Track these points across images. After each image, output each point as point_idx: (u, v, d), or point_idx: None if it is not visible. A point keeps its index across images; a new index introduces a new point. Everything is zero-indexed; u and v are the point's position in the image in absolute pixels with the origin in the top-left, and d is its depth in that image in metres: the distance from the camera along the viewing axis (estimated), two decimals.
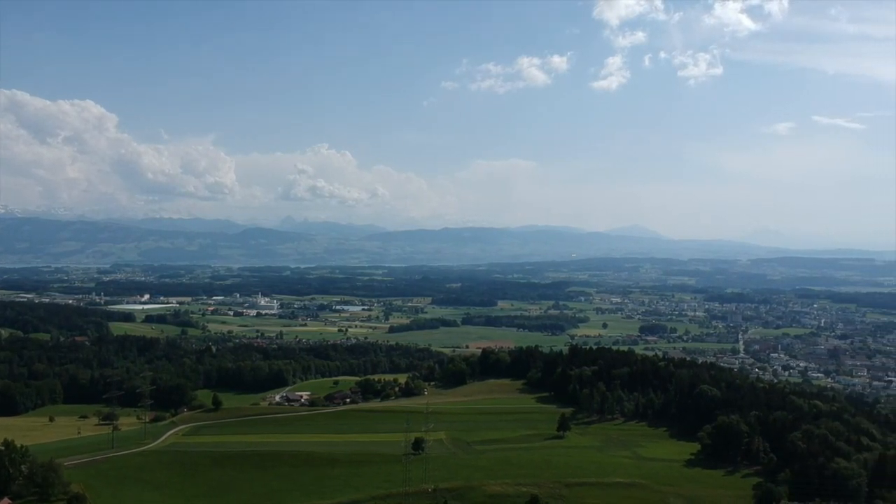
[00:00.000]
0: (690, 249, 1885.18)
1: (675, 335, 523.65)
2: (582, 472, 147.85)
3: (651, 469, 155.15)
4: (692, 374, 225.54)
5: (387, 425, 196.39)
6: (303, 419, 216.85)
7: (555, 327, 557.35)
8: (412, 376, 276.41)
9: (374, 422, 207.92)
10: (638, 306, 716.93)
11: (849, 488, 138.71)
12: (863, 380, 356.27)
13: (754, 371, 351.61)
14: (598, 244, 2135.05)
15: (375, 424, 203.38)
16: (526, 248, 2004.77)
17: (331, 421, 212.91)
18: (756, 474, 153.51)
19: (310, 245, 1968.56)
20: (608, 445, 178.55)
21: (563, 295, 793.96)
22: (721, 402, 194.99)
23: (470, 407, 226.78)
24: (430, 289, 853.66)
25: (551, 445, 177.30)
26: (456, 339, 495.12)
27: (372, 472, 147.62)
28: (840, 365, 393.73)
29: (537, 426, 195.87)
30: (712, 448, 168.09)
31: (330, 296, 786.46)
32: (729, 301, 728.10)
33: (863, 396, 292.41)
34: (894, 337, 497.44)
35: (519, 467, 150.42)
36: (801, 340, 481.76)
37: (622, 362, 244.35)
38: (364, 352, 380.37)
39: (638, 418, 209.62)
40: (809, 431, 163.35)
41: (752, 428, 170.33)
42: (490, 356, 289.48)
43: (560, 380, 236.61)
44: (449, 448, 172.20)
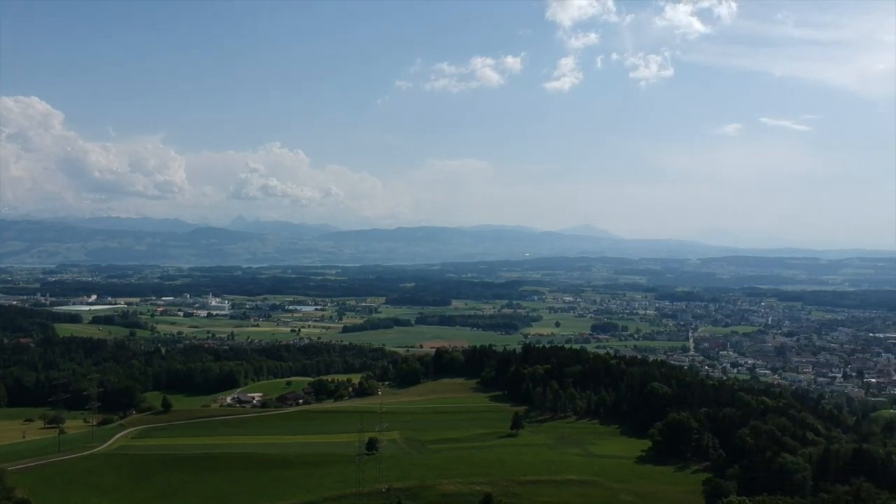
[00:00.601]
0: (642, 249, 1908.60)
1: (627, 333, 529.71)
2: (535, 469, 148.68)
3: (603, 466, 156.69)
4: (643, 371, 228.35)
5: (340, 426, 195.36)
6: (255, 421, 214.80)
7: (508, 326, 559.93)
8: (366, 376, 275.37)
9: (327, 422, 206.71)
10: (590, 305, 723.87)
11: (794, 482, 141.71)
12: (808, 376, 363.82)
13: (704, 368, 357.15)
14: (551, 243, 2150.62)
15: (329, 425, 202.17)
16: (480, 248, 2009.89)
17: (283, 422, 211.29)
18: (706, 470, 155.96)
19: (262, 245, 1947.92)
20: (561, 443, 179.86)
21: (516, 294, 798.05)
22: (672, 399, 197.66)
23: (424, 406, 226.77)
24: (384, 288, 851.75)
25: (505, 444, 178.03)
26: (410, 338, 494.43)
27: (325, 473, 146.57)
28: (787, 362, 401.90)
29: (491, 425, 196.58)
30: (663, 445, 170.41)
31: (282, 296, 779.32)
32: (679, 300, 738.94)
33: (808, 392, 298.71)
34: (838, 334, 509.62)
35: (472, 466, 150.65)
36: (749, 338, 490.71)
37: (574, 361, 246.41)
38: (317, 352, 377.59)
39: (590, 416, 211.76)
40: (757, 427, 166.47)
41: (702, 424, 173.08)
42: (444, 355, 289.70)
43: (513, 378, 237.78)
44: (403, 448, 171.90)
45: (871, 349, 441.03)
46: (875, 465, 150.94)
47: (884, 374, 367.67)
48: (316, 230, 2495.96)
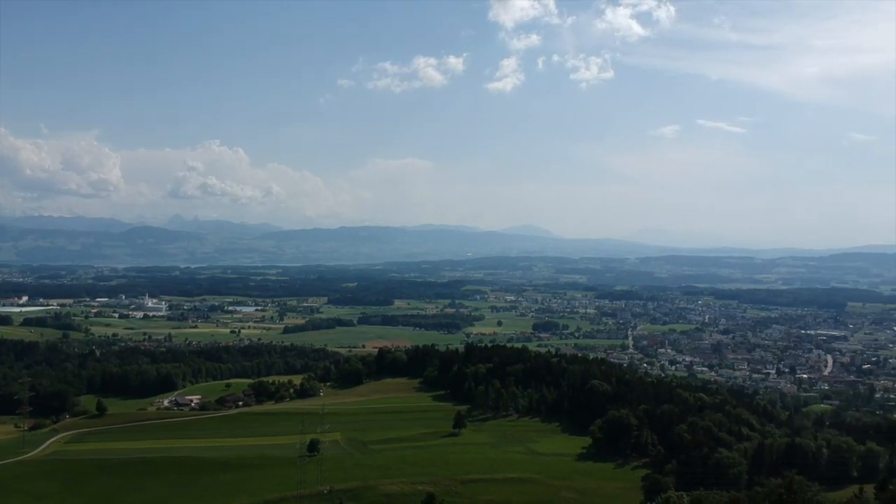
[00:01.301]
0: (582, 248, 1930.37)
1: (568, 332, 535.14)
2: (477, 468, 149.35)
3: (544, 464, 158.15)
4: (584, 369, 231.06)
5: (281, 427, 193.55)
6: (193, 424, 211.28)
7: (451, 326, 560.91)
8: (307, 377, 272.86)
9: (268, 424, 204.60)
10: (532, 304, 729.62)
11: (730, 476, 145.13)
12: (743, 372, 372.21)
13: (643, 366, 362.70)
14: (493, 243, 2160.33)
15: (270, 427, 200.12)
16: (422, 247, 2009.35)
17: (223, 425, 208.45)
18: (645, 466, 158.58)
19: (200, 244, 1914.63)
20: (503, 441, 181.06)
21: (459, 293, 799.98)
22: (611, 396, 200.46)
23: (366, 407, 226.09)
24: (326, 288, 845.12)
25: (447, 443, 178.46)
26: (352, 338, 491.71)
27: (266, 475, 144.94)
28: (723, 359, 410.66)
29: (434, 424, 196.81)
30: (603, 442, 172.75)
31: (222, 296, 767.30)
32: (619, 298, 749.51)
33: (743, 388, 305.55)
34: (772, 331, 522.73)
35: (415, 466, 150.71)
36: (686, 336, 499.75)
37: (516, 359, 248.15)
38: (257, 353, 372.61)
39: (532, 414, 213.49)
40: (694, 423, 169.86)
41: (641, 421, 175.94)
42: (386, 355, 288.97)
43: (456, 378, 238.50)
44: (345, 448, 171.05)
45: (802, 346, 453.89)
46: (806, 458, 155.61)
47: (815, 370, 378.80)
48: (257, 230, 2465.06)
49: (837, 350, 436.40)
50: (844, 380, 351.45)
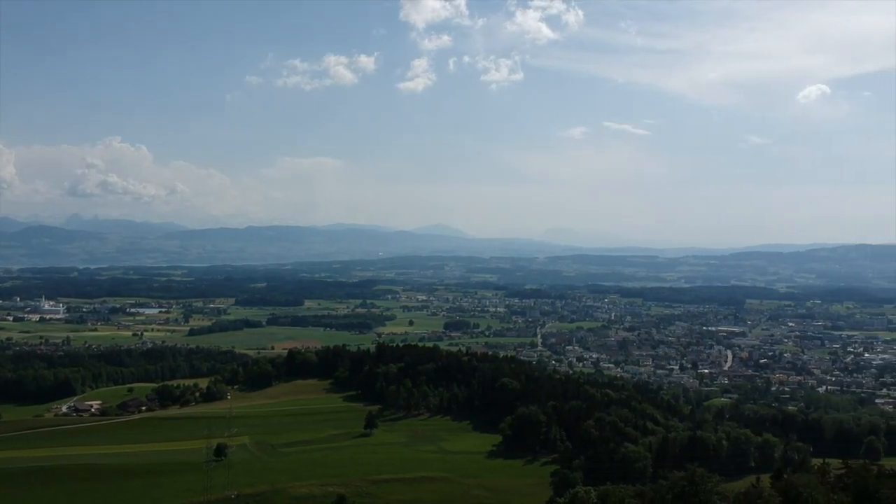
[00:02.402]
0: (492, 248, 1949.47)
1: (478, 331, 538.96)
2: (389, 468, 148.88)
3: (455, 462, 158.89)
4: (494, 367, 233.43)
5: (187, 432, 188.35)
6: (94, 430, 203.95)
7: (362, 326, 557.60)
8: (214, 380, 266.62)
9: (172, 429, 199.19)
10: (443, 303, 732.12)
11: (636, 470, 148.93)
12: (648, 368, 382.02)
13: (551, 363, 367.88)
14: (404, 243, 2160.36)
15: (175, 432, 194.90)
16: (333, 247, 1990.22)
17: (125, 430, 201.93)
18: (553, 462, 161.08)
19: (101, 244, 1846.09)
20: (414, 441, 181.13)
21: (370, 293, 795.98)
22: (521, 393, 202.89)
23: (276, 409, 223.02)
24: (234, 289, 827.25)
25: (358, 444, 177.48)
26: (261, 340, 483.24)
27: (171, 482, 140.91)
28: (628, 355, 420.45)
29: (345, 425, 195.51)
30: (513, 439, 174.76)
31: (123, 298, 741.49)
32: (528, 297, 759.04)
33: (648, 384, 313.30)
34: (675, 328, 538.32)
35: (326, 467, 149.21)
36: (593, 333, 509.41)
37: (428, 358, 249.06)
38: (161, 356, 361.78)
39: (443, 413, 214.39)
40: (601, 419, 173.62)
41: (550, 418, 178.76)
42: (296, 356, 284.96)
43: (367, 378, 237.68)
44: (253, 452, 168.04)
45: (704, 342, 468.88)
46: (708, 450, 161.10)
47: (715, 365, 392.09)
48: (160, 229, 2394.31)
49: (737, 346, 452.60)
50: (743, 374, 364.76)
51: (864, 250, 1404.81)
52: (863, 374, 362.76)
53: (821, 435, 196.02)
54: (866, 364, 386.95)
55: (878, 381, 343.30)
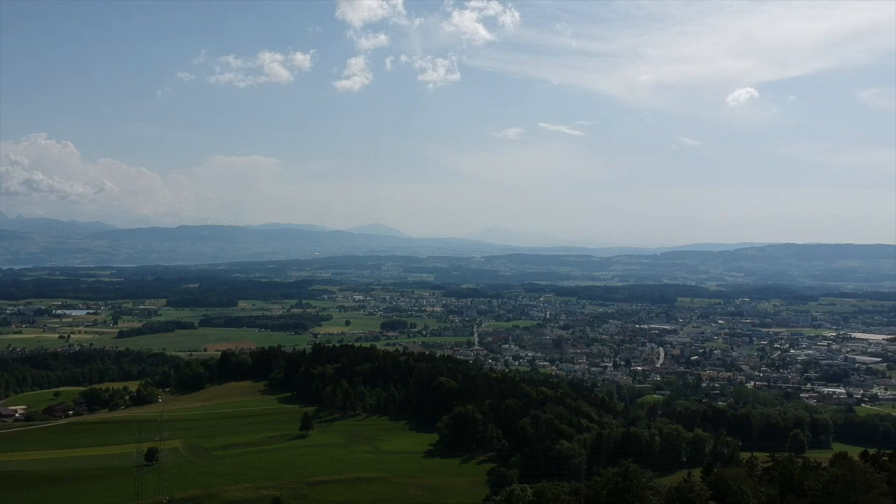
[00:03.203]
0: (429, 247, 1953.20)
1: (416, 330, 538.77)
2: (325, 469, 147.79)
3: (392, 462, 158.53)
4: (431, 367, 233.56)
5: (117, 437, 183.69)
6: (19, 435, 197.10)
7: (298, 326, 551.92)
8: (144, 383, 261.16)
9: (102, 434, 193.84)
10: (380, 303, 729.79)
11: (571, 467, 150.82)
12: (582, 366, 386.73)
13: (488, 362, 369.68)
14: (341, 242, 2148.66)
15: (104, 437, 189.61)
16: (268, 247, 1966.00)
17: (51, 436, 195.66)
18: (490, 460, 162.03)
19: (25, 244, 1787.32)
20: (351, 441, 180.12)
21: (306, 293, 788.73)
22: (458, 392, 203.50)
23: (209, 412, 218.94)
24: (165, 290, 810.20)
25: (294, 445, 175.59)
26: (193, 341, 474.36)
27: (100, 487, 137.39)
28: (563, 353, 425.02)
29: (280, 427, 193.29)
30: (450, 437, 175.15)
31: (49, 299, 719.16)
32: (465, 296, 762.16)
33: (583, 381, 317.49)
34: (609, 326, 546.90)
35: (260, 470, 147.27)
36: (529, 332, 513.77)
37: (364, 358, 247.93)
38: (90, 359, 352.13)
39: (380, 413, 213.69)
40: (537, 416, 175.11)
41: (487, 416, 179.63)
42: (230, 358, 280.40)
43: (303, 379, 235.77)
44: (186, 456, 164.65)
45: (637, 339, 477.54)
46: (641, 446, 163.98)
47: (648, 363, 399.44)
48: (88, 228, 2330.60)
49: (669, 343, 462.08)
50: (675, 371, 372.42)
51: (790, 249, 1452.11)
52: (788, 369, 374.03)
53: (749, 429, 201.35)
54: (792, 360, 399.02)
55: (803, 377, 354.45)
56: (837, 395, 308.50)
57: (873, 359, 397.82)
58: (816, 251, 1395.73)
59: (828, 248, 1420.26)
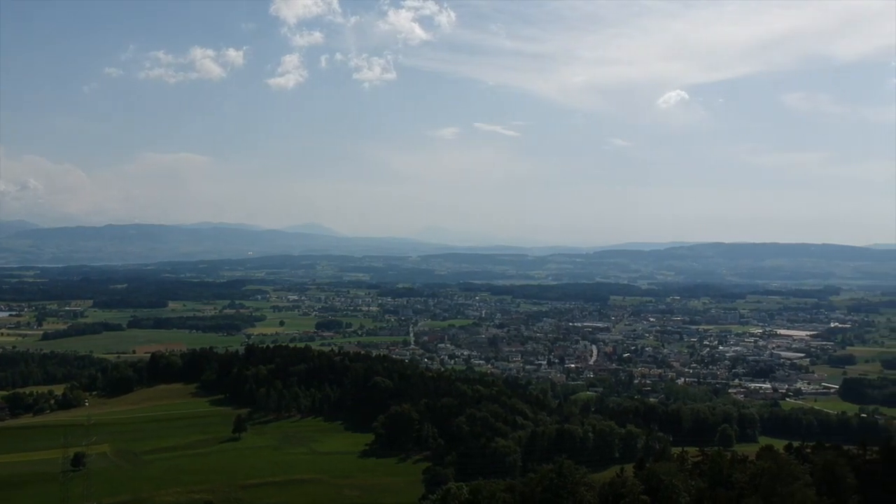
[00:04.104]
0: (365, 246, 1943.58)
1: (351, 330, 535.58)
2: (258, 472, 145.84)
3: (327, 463, 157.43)
4: (366, 367, 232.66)
5: (42, 442, 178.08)
6: None
7: (230, 327, 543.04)
8: (70, 386, 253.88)
9: (25, 439, 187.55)
10: (315, 303, 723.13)
11: (506, 464, 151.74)
12: (517, 364, 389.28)
13: (424, 361, 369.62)
14: (274, 242, 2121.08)
15: (28, 442, 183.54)
16: (200, 246, 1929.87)
17: None
18: (426, 459, 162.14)
19: None
20: (285, 443, 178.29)
21: (239, 294, 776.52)
22: (394, 392, 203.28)
23: (138, 415, 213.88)
24: (92, 291, 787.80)
25: (227, 448, 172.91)
26: (122, 343, 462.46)
27: (24, 495, 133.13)
28: (498, 352, 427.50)
29: (212, 430, 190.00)
30: (386, 437, 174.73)
31: None
32: (400, 295, 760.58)
33: (518, 379, 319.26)
34: (543, 324, 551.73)
35: (192, 474, 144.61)
36: (465, 331, 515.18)
37: (299, 359, 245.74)
38: (12, 362, 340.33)
39: (315, 413, 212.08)
40: (473, 415, 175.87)
41: (423, 415, 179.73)
42: (160, 360, 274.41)
43: (236, 380, 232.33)
44: (114, 461, 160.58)
45: (570, 337, 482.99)
46: (575, 442, 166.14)
47: (581, 360, 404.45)
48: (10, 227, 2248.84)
49: (601, 341, 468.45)
50: (607, 368, 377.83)
51: (718, 248, 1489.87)
52: (717, 365, 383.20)
53: (680, 425, 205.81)
54: (720, 356, 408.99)
55: (731, 373, 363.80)
56: (763, 391, 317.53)
57: (797, 354, 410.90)
58: (743, 250, 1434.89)
59: (754, 247, 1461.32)
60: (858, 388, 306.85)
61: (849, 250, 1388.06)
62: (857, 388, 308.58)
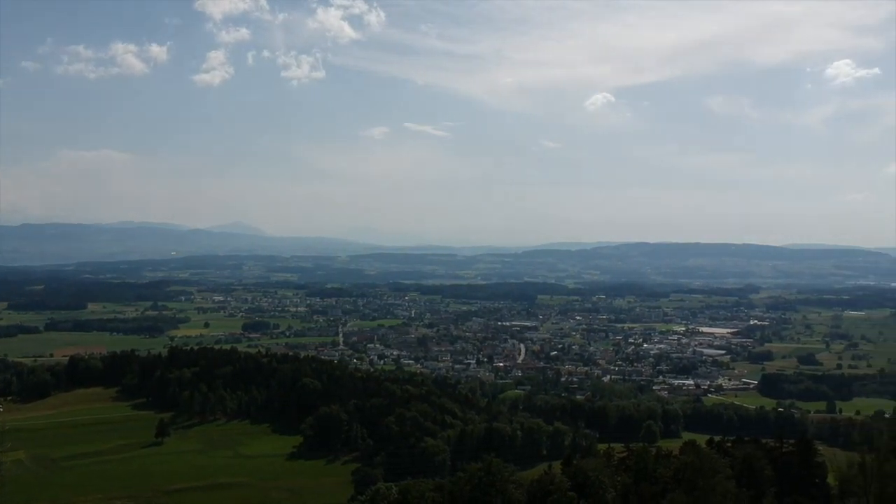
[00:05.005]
0: (293, 246, 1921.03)
1: (279, 331, 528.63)
2: (182, 477, 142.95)
3: (254, 466, 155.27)
4: (294, 368, 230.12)
5: None
6: None
7: (154, 329, 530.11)
8: None
9: None
10: (241, 304, 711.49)
11: (435, 464, 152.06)
12: (447, 364, 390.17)
13: (353, 362, 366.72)
14: (200, 242, 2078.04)
15: None
16: (122, 246, 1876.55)
17: None
18: (355, 460, 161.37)
19: None
20: (210, 447, 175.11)
21: (162, 295, 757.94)
22: (322, 393, 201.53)
23: (56, 421, 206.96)
24: (6, 292, 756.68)
25: (149, 453, 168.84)
26: (38, 346, 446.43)
27: None
28: (428, 351, 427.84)
29: (134, 434, 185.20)
30: (314, 439, 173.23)
31: None
32: (329, 296, 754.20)
33: (447, 379, 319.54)
34: (472, 324, 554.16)
35: (112, 480, 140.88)
36: (394, 331, 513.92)
37: (225, 361, 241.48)
38: None
39: (241, 417, 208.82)
40: (402, 415, 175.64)
41: (352, 416, 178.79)
42: (79, 363, 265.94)
43: (159, 384, 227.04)
44: (30, 468, 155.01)
45: (499, 336, 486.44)
46: (503, 440, 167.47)
47: (510, 359, 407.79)
48: None
49: (529, 339, 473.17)
50: (535, 366, 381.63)
51: (643, 248, 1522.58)
52: (642, 363, 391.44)
53: (606, 421, 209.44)
54: (645, 354, 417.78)
55: (655, 370, 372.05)
56: (686, 387, 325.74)
57: (718, 351, 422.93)
58: (667, 250, 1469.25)
59: (677, 246, 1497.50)
60: (776, 384, 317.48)
61: (767, 250, 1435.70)
62: (774, 383, 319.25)
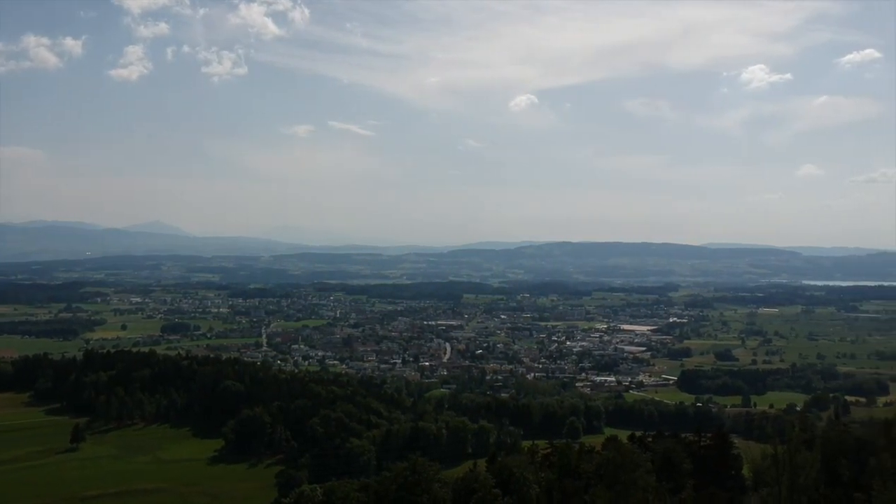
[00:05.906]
0: (215, 246, 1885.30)
1: (200, 333, 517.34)
2: (98, 483, 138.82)
3: (174, 471, 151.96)
4: (216, 370, 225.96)
5: None
6: None
7: (67, 332, 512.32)
8: None
9: None
10: (160, 305, 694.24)
11: (361, 464, 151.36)
12: (372, 364, 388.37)
13: (277, 363, 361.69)
14: (116, 241, 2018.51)
15: None
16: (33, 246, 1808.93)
17: None
18: (279, 462, 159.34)
19: None
20: (127, 452, 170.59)
21: (76, 296, 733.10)
22: (245, 395, 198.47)
23: None
24: None
25: (64, 459, 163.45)
26: None
27: None
28: (353, 351, 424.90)
29: (47, 440, 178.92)
30: (236, 442, 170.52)
31: None
32: (252, 296, 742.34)
33: (373, 379, 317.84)
34: (398, 323, 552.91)
35: (26, 487, 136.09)
36: (319, 331, 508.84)
37: (143, 364, 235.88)
38: None
39: (161, 421, 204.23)
40: (327, 416, 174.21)
41: (276, 418, 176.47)
42: None
43: (74, 388, 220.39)
44: None
45: (425, 336, 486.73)
46: (429, 439, 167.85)
47: (435, 358, 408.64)
48: None
49: (455, 338, 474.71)
50: (461, 365, 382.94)
51: (566, 247, 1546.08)
52: (565, 360, 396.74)
53: (530, 419, 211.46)
54: (568, 351, 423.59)
55: (578, 367, 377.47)
56: (608, 384, 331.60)
57: (639, 348, 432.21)
58: (589, 249, 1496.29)
59: (599, 246, 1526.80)
60: (694, 379, 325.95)
61: (686, 249, 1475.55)
62: (693, 379, 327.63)
